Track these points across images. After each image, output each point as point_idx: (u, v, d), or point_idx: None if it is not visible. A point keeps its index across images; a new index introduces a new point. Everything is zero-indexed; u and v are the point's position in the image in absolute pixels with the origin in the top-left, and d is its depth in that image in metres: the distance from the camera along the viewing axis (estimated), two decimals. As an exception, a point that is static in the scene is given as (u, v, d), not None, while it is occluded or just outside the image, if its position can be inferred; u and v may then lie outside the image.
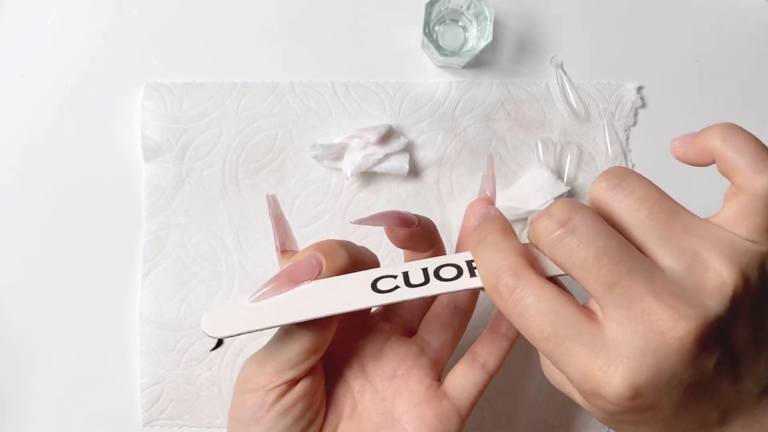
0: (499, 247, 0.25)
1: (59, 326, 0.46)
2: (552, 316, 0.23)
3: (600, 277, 0.22)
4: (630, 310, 0.21)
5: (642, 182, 0.25)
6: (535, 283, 0.23)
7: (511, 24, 0.46)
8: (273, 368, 0.29)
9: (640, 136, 0.46)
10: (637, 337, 0.21)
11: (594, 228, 0.22)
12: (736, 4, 0.47)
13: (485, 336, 0.34)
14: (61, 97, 0.46)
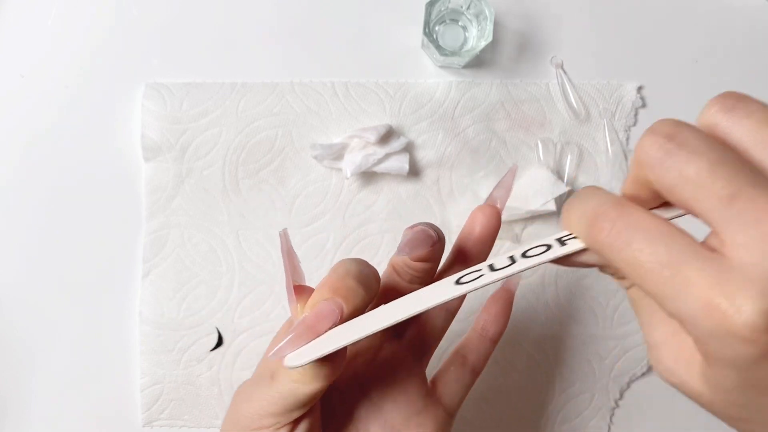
0: (595, 192, 0.21)
1: (59, 326, 0.46)
2: (667, 239, 0.19)
3: (717, 190, 0.18)
4: (758, 228, 0.17)
5: (760, 106, 0.21)
6: (642, 213, 0.20)
7: (511, 24, 0.46)
8: (281, 409, 0.27)
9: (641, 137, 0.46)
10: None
11: (705, 141, 0.19)
12: (736, 4, 0.47)
13: (474, 339, 0.34)
14: (61, 97, 0.46)
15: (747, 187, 0.18)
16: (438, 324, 0.33)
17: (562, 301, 0.45)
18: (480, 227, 0.32)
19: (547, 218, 0.45)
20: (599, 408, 0.46)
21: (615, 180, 0.46)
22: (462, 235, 0.32)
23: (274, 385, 0.27)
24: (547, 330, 0.45)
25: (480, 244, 0.32)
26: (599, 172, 0.46)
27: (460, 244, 0.32)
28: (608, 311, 0.45)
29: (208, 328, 0.45)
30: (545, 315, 0.45)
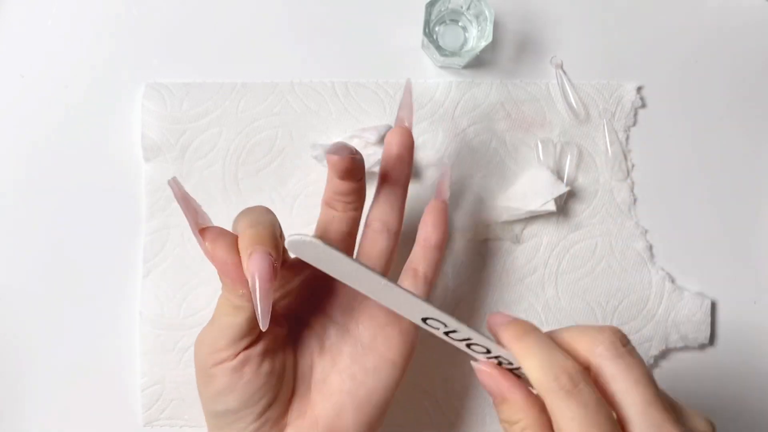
0: (555, 347, 0.27)
1: (59, 326, 0.46)
2: (607, 413, 0.25)
3: (646, 393, 0.25)
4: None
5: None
6: (594, 387, 0.26)
7: (511, 24, 0.46)
8: (227, 341, 0.31)
9: (640, 137, 0.46)
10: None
11: (641, 357, 0.27)
12: (736, 4, 0.47)
13: (420, 251, 0.37)
14: (61, 97, 0.46)
15: (661, 402, 0.25)
16: (382, 246, 0.36)
17: (562, 302, 0.45)
18: (396, 146, 0.35)
19: (547, 218, 0.45)
20: (599, 408, 0.46)
21: (614, 180, 0.46)
22: (382, 159, 0.35)
23: (213, 322, 0.31)
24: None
25: (399, 162, 0.35)
26: (599, 172, 0.46)
27: (383, 168, 0.35)
28: (608, 311, 0.45)
29: (208, 328, 0.45)
30: (545, 315, 0.45)
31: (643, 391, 0.25)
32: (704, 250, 0.46)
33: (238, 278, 0.29)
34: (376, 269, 0.35)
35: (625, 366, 0.26)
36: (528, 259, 0.45)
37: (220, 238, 0.29)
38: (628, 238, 0.46)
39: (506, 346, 0.28)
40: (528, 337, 0.27)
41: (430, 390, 0.45)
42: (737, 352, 0.46)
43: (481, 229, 0.45)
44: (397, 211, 0.36)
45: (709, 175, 0.46)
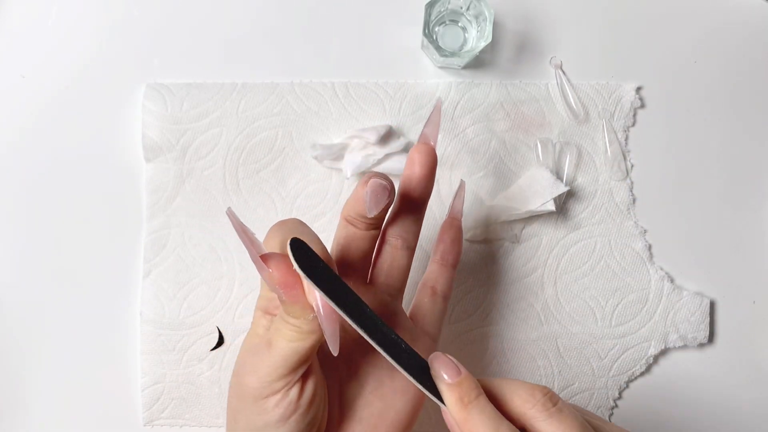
0: (500, 416, 0.28)
1: (60, 326, 0.46)
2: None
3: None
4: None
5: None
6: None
7: (511, 24, 0.46)
8: (287, 369, 0.29)
9: (640, 137, 0.46)
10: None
11: (573, 411, 0.29)
12: (736, 4, 0.47)
13: (437, 270, 0.38)
14: (61, 97, 0.46)
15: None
16: (402, 263, 0.36)
17: (561, 302, 0.46)
18: (419, 166, 0.34)
19: (546, 218, 0.45)
20: (598, 407, 0.46)
21: (613, 180, 0.46)
22: (404, 177, 0.35)
23: (273, 350, 0.30)
24: (546, 330, 0.46)
25: (423, 181, 0.35)
26: (598, 172, 0.46)
27: (405, 185, 0.35)
28: (607, 311, 0.46)
29: (208, 328, 0.45)
30: (544, 315, 0.45)
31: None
32: (703, 250, 0.46)
33: (306, 302, 0.29)
34: (398, 285, 0.35)
35: (558, 423, 0.28)
36: (527, 259, 0.46)
37: (283, 263, 0.29)
38: (627, 237, 0.46)
39: (450, 408, 0.29)
40: (473, 407, 0.28)
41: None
42: (736, 351, 0.46)
43: (480, 229, 0.45)
44: (417, 229, 0.36)
45: (708, 175, 0.47)
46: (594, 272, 0.46)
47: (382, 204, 0.32)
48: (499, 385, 0.30)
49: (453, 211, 0.39)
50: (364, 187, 0.32)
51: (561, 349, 0.46)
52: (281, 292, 0.28)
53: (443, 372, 0.29)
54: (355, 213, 0.33)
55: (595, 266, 0.46)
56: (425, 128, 0.35)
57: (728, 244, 0.46)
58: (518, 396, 0.29)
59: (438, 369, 0.29)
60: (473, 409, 0.28)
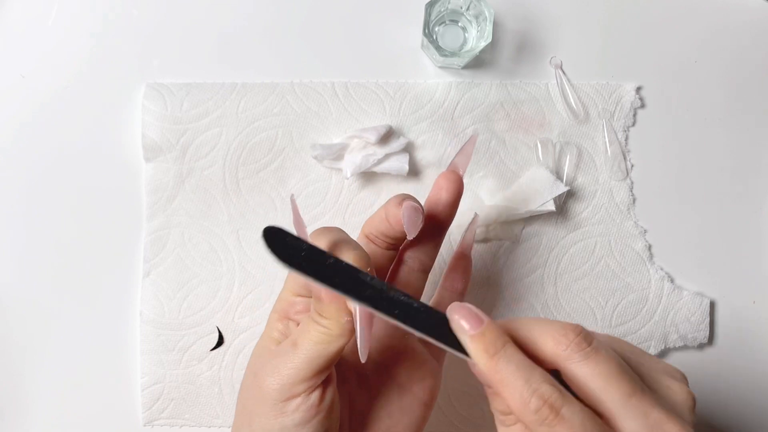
0: (531, 365, 0.26)
1: (60, 326, 0.46)
2: (593, 427, 0.25)
3: (621, 388, 0.26)
4: (646, 420, 0.25)
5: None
6: (577, 403, 0.26)
7: (511, 24, 0.46)
8: (311, 372, 0.29)
9: (640, 137, 0.46)
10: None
11: (609, 350, 0.27)
12: (736, 4, 0.47)
13: (446, 297, 0.37)
14: (61, 97, 0.46)
15: (639, 389, 0.26)
16: (418, 285, 0.35)
17: (561, 301, 0.46)
18: (446, 192, 0.34)
19: (546, 218, 0.45)
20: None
21: (613, 180, 0.46)
22: (430, 201, 0.35)
23: (299, 351, 0.29)
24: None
25: (448, 208, 0.35)
26: (598, 172, 0.46)
27: (430, 210, 0.35)
28: (607, 311, 0.46)
29: (208, 328, 0.45)
30: (544, 315, 0.45)
31: (618, 385, 0.25)
32: (703, 250, 0.46)
33: (343, 305, 0.29)
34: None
35: (595, 364, 0.26)
36: (527, 259, 0.46)
37: None
38: (627, 237, 0.46)
39: (475, 361, 0.27)
40: (501, 357, 0.26)
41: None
42: (736, 351, 0.46)
43: (480, 229, 0.45)
44: (435, 253, 0.36)
45: (708, 175, 0.47)
46: (594, 272, 0.46)
47: (419, 225, 0.32)
48: (528, 326, 0.28)
49: (464, 243, 0.38)
50: (394, 208, 0.32)
51: (561, 349, 0.46)
52: (323, 294, 0.28)
53: (464, 322, 0.27)
54: (378, 231, 0.33)
55: (595, 266, 0.46)
56: (456, 157, 0.35)
57: (728, 244, 0.46)
58: (550, 336, 0.27)
59: (458, 320, 0.27)
60: (501, 360, 0.26)
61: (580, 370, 0.26)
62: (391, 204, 0.32)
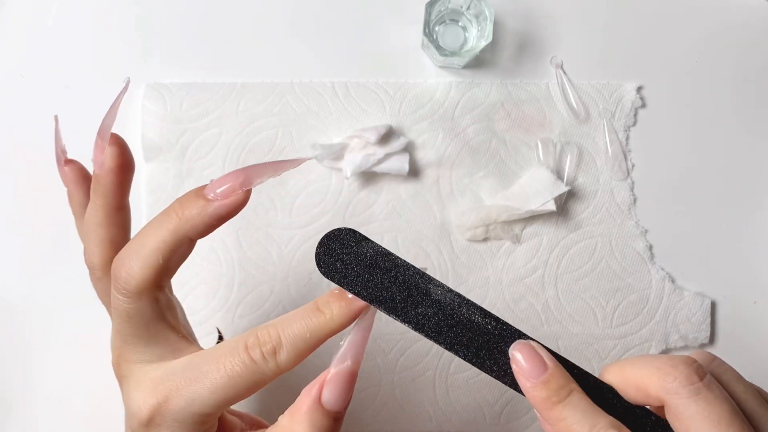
0: (597, 412, 0.25)
1: (61, 326, 0.46)
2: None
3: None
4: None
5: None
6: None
7: (511, 24, 0.46)
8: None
9: (640, 137, 0.46)
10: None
11: (722, 390, 0.24)
12: (736, 4, 0.47)
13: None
14: (60, 97, 0.46)
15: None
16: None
17: (561, 302, 0.45)
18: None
19: (547, 218, 0.45)
20: (599, 408, 0.46)
21: (614, 180, 0.46)
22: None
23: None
24: (546, 330, 0.45)
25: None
26: (599, 171, 0.46)
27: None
28: (608, 311, 0.45)
29: (208, 328, 0.45)
30: (545, 315, 0.45)
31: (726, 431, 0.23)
32: (704, 250, 0.46)
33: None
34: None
35: (705, 404, 0.23)
36: (528, 259, 0.45)
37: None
38: (628, 238, 0.46)
39: (537, 408, 0.25)
40: (566, 406, 0.25)
41: (432, 396, 0.45)
42: (737, 351, 0.46)
43: (480, 229, 0.45)
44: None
45: (709, 175, 0.46)
46: (595, 272, 0.46)
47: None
48: (634, 363, 0.25)
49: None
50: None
51: (562, 349, 0.45)
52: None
53: (522, 376, 0.26)
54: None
55: (596, 266, 0.45)
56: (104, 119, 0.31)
57: (729, 245, 0.46)
58: (656, 368, 0.24)
59: (520, 362, 0.26)
60: (566, 408, 0.25)
61: (686, 408, 0.24)
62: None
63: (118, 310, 0.28)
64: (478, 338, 0.26)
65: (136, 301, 0.27)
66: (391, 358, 0.45)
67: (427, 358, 0.45)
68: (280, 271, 0.45)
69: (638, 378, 0.25)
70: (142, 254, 0.27)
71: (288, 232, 0.45)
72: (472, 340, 0.26)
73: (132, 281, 0.27)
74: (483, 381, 0.45)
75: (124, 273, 0.27)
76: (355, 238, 0.27)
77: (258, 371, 0.26)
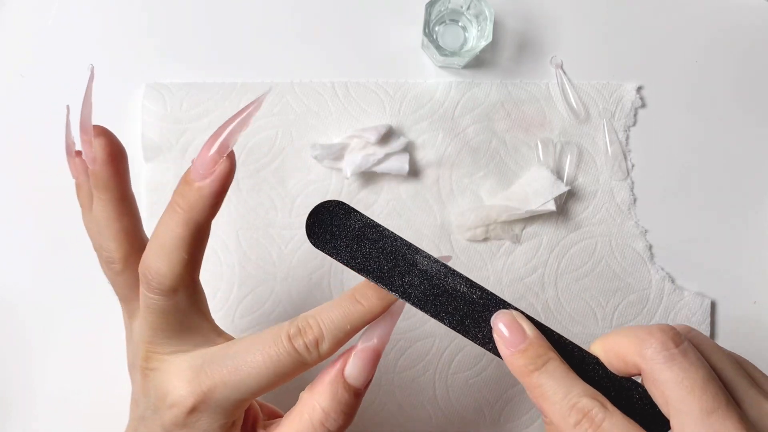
0: (573, 380, 0.26)
1: (62, 325, 0.46)
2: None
3: (702, 402, 0.23)
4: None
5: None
6: (621, 417, 0.25)
7: (511, 24, 0.46)
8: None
9: (640, 137, 0.46)
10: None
11: (701, 357, 0.24)
12: (736, 4, 0.47)
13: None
14: (60, 97, 0.46)
15: (723, 406, 0.23)
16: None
17: (561, 302, 0.45)
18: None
19: (547, 218, 0.45)
20: (599, 407, 0.46)
21: (614, 180, 0.46)
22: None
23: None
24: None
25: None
26: (599, 171, 0.46)
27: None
28: (608, 311, 0.46)
29: (208, 328, 0.45)
30: (545, 315, 0.45)
31: (700, 397, 0.23)
32: (704, 251, 0.46)
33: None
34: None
35: (679, 370, 0.24)
36: (528, 259, 0.45)
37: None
38: (628, 238, 0.46)
39: (516, 375, 0.26)
40: (541, 373, 0.26)
41: (432, 396, 0.45)
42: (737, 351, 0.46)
43: (480, 229, 0.45)
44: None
45: (709, 174, 0.46)
46: (595, 272, 0.46)
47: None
48: (614, 334, 0.26)
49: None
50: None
51: (561, 349, 0.45)
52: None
53: (502, 344, 0.26)
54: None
55: (596, 266, 0.46)
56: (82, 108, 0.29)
57: (729, 245, 0.46)
58: (635, 336, 0.25)
59: (501, 330, 0.27)
60: (542, 375, 0.26)
61: (661, 374, 0.24)
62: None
63: (151, 308, 0.29)
64: (463, 307, 0.27)
65: (173, 297, 0.28)
66: (391, 358, 0.45)
67: (427, 358, 0.45)
68: (280, 271, 0.45)
69: (618, 346, 0.26)
70: (164, 254, 0.28)
71: (288, 232, 0.45)
72: (457, 308, 0.27)
73: (166, 281, 0.28)
74: (483, 381, 0.45)
75: (154, 274, 0.28)
76: (344, 210, 0.28)
77: (301, 360, 0.27)
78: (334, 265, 0.45)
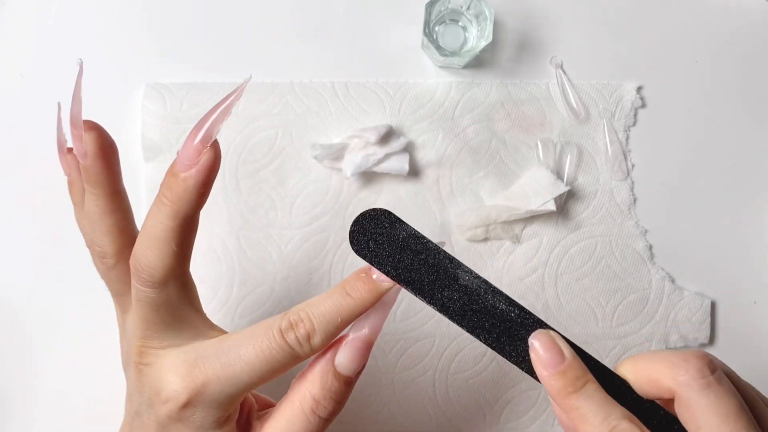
0: (611, 403, 0.26)
1: (62, 325, 0.46)
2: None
3: (736, 429, 0.23)
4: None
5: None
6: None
7: (511, 24, 0.46)
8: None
9: (640, 137, 0.46)
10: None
11: (731, 384, 0.25)
12: (736, 5, 0.47)
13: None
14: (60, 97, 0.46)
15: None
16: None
17: (561, 302, 0.45)
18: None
19: (547, 218, 0.45)
20: (599, 407, 0.46)
21: (614, 180, 0.46)
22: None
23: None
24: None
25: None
26: (599, 172, 0.46)
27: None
28: (608, 311, 0.46)
29: (208, 328, 0.45)
30: (545, 315, 0.45)
31: (734, 425, 0.24)
32: (704, 251, 0.46)
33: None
34: None
35: (715, 398, 0.24)
36: (528, 259, 0.45)
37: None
38: (627, 238, 0.46)
39: (552, 397, 0.26)
40: (580, 395, 0.25)
41: (432, 396, 0.45)
42: (737, 351, 0.46)
43: (480, 229, 0.45)
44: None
45: (709, 175, 0.46)
46: (595, 272, 0.46)
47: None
48: (648, 357, 0.26)
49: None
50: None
51: (561, 349, 0.45)
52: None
53: (540, 365, 0.26)
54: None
55: (596, 266, 0.46)
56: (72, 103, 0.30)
57: (729, 245, 0.46)
58: (669, 362, 0.25)
59: (538, 351, 0.27)
60: (580, 397, 0.25)
61: (697, 401, 0.24)
62: None
63: (143, 302, 0.29)
64: (500, 324, 0.27)
65: (164, 289, 0.28)
66: (391, 358, 0.45)
67: (427, 358, 0.45)
68: (280, 271, 0.45)
69: (651, 371, 0.26)
70: (154, 246, 0.28)
71: (288, 232, 0.45)
72: (494, 325, 0.27)
73: (156, 273, 0.28)
74: (483, 381, 0.45)
75: (145, 266, 0.28)
76: (389, 220, 0.28)
77: (293, 354, 0.27)
78: (334, 265, 0.45)
